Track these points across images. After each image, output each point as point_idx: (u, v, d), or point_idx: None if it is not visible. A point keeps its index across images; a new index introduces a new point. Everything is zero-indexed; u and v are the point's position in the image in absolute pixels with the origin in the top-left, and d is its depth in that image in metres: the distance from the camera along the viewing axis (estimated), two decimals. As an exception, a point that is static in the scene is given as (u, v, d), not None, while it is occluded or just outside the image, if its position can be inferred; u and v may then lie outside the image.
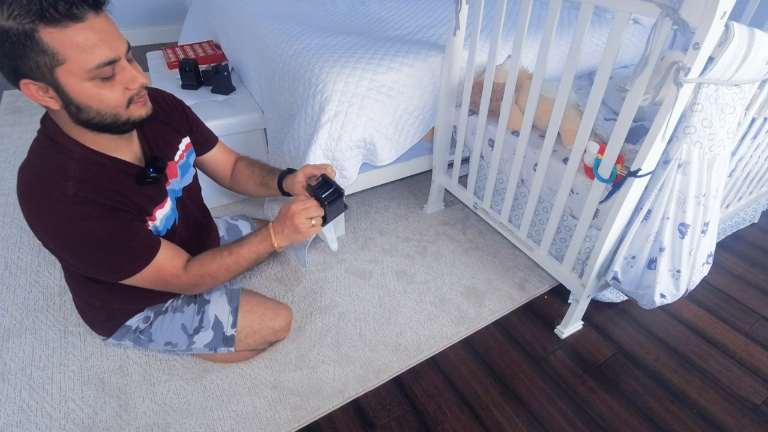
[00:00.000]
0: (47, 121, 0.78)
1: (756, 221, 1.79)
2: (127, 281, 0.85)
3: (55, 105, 0.71)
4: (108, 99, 0.72)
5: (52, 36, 0.63)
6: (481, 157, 1.44)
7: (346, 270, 1.47)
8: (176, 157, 0.97)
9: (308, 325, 1.28)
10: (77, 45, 0.65)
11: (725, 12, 0.70)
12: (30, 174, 0.76)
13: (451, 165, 1.59)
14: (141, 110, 0.78)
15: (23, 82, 0.67)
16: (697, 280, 1.06)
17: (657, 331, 1.32)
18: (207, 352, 1.10)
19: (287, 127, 1.46)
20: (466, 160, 1.55)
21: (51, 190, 0.73)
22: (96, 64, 0.67)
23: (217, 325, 1.07)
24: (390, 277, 1.45)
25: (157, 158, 0.88)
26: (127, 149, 0.85)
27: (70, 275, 0.99)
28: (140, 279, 0.85)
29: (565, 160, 1.17)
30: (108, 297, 0.98)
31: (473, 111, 1.44)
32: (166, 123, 0.96)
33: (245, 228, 1.34)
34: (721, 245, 1.66)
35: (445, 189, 1.70)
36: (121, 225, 0.79)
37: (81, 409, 1.05)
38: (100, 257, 0.79)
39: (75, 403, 1.07)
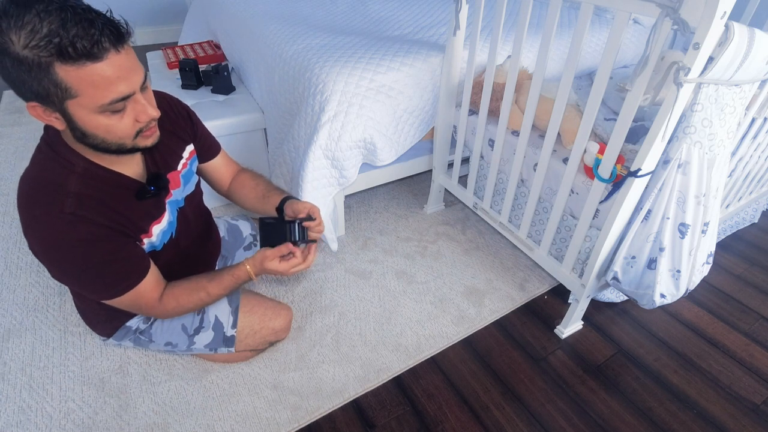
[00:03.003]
0: (50, 130, 0.77)
1: (756, 221, 1.79)
2: (105, 302, 0.85)
3: (60, 126, 0.70)
4: (116, 130, 0.71)
5: (68, 73, 0.61)
6: (481, 157, 1.44)
7: (346, 270, 1.47)
8: (179, 166, 0.96)
9: (308, 325, 1.28)
10: (93, 83, 0.63)
11: (725, 12, 0.70)
12: (30, 186, 0.75)
13: (451, 165, 1.59)
14: (147, 141, 0.77)
15: (31, 104, 0.66)
16: (697, 280, 1.06)
17: (657, 331, 1.32)
18: (207, 352, 1.10)
19: (287, 127, 1.46)
20: (466, 160, 1.55)
21: (49, 206, 0.72)
22: (109, 101, 0.66)
23: (218, 325, 1.07)
24: (390, 277, 1.45)
25: (159, 176, 0.87)
26: (130, 163, 0.84)
27: None
28: (118, 301, 0.85)
29: (565, 160, 1.17)
30: None
31: (473, 111, 1.44)
32: (171, 131, 0.94)
33: (245, 228, 1.34)
34: (721, 245, 1.66)
35: (445, 189, 1.70)
36: (114, 248, 0.79)
37: (81, 409, 1.05)
38: (87, 278, 0.79)
39: (75, 403, 1.07)
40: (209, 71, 1.75)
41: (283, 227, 0.94)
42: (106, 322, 1.04)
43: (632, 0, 0.82)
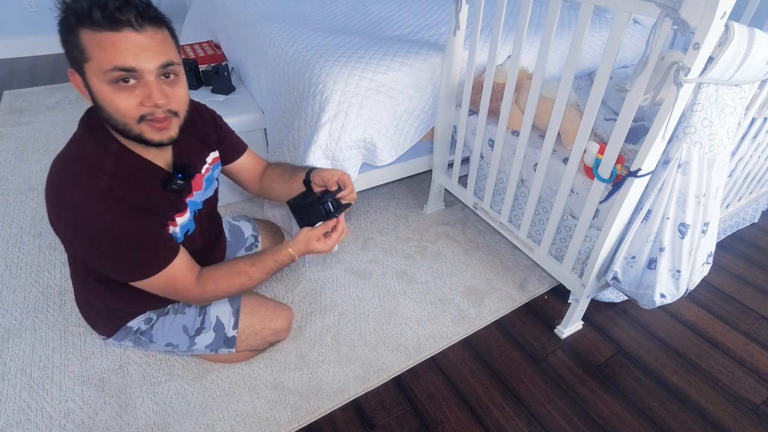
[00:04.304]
0: (91, 113, 0.80)
1: (756, 221, 1.79)
2: (138, 284, 0.85)
3: (89, 98, 0.74)
4: (118, 106, 0.71)
5: (86, 36, 0.67)
6: (481, 157, 1.44)
7: (346, 270, 1.47)
8: (203, 170, 0.98)
9: (308, 325, 1.28)
10: (101, 46, 0.67)
11: (725, 12, 0.70)
12: (66, 164, 0.77)
13: (451, 165, 1.59)
14: (154, 134, 0.76)
15: (69, 70, 0.73)
16: (697, 280, 1.06)
17: (657, 331, 1.32)
18: (208, 352, 1.10)
19: (287, 127, 1.46)
20: (466, 160, 1.55)
21: (84, 182, 0.75)
22: (111, 66, 0.68)
23: (219, 326, 1.07)
24: (390, 277, 1.45)
25: (187, 166, 0.89)
26: (160, 154, 0.85)
27: (76, 273, 0.98)
28: (151, 284, 0.85)
29: (565, 160, 1.17)
30: (111, 298, 0.98)
31: (473, 111, 1.44)
32: (199, 137, 0.97)
33: (247, 229, 1.34)
34: (721, 245, 1.66)
35: (445, 189, 1.70)
36: (144, 225, 0.80)
37: (81, 409, 1.05)
38: (117, 254, 0.79)
39: (75, 403, 1.07)
40: (209, 71, 1.75)
41: (317, 206, 0.92)
42: (108, 321, 1.04)
43: (632, 0, 0.82)
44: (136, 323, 1.04)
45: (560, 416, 1.09)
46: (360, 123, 1.31)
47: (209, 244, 1.09)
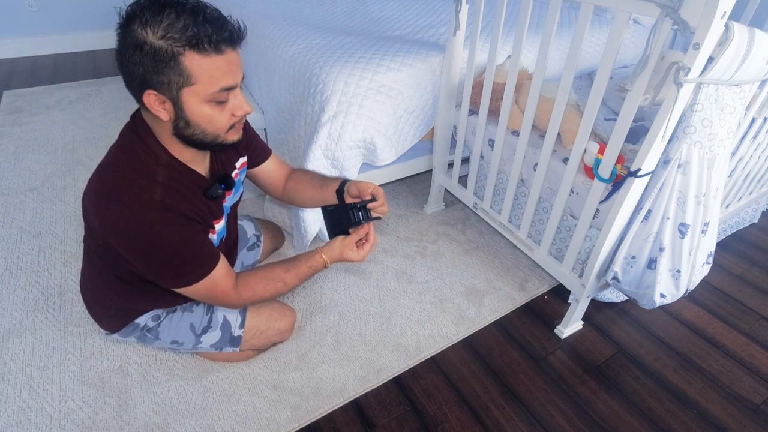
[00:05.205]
0: (140, 121, 0.81)
1: (756, 221, 1.79)
2: (181, 290, 0.86)
3: (165, 116, 0.75)
4: (216, 121, 0.77)
5: (192, 61, 0.69)
6: (481, 157, 1.44)
7: (346, 270, 1.47)
8: (232, 175, 1.00)
9: (308, 325, 1.28)
10: (210, 72, 0.71)
11: (725, 12, 0.70)
12: (119, 171, 0.79)
13: (451, 165, 1.59)
14: (235, 136, 0.83)
15: (148, 92, 0.72)
16: (697, 280, 1.06)
17: (657, 331, 1.32)
18: (212, 351, 1.10)
19: (287, 127, 1.46)
20: (466, 160, 1.55)
21: (139, 192, 0.77)
22: (219, 88, 0.73)
23: (225, 325, 1.07)
24: (390, 277, 1.45)
25: (227, 176, 0.93)
26: (202, 164, 0.89)
27: (97, 269, 0.98)
28: (194, 290, 0.86)
29: (565, 160, 1.17)
30: (126, 295, 0.99)
31: (473, 111, 1.44)
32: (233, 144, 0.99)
33: (250, 228, 1.35)
34: (721, 245, 1.66)
35: (445, 189, 1.70)
36: (192, 234, 0.83)
37: (81, 409, 1.05)
38: (166, 263, 0.82)
39: (75, 403, 1.07)
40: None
41: (348, 212, 0.96)
42: (116, 317, 1.04)
43: (632, 0, 0.82)
44: (144, 320, 1.04)
45: (560, 416, 1.09)
46: (360, 123, 1.31)
47: (229, 250, 1.11)
